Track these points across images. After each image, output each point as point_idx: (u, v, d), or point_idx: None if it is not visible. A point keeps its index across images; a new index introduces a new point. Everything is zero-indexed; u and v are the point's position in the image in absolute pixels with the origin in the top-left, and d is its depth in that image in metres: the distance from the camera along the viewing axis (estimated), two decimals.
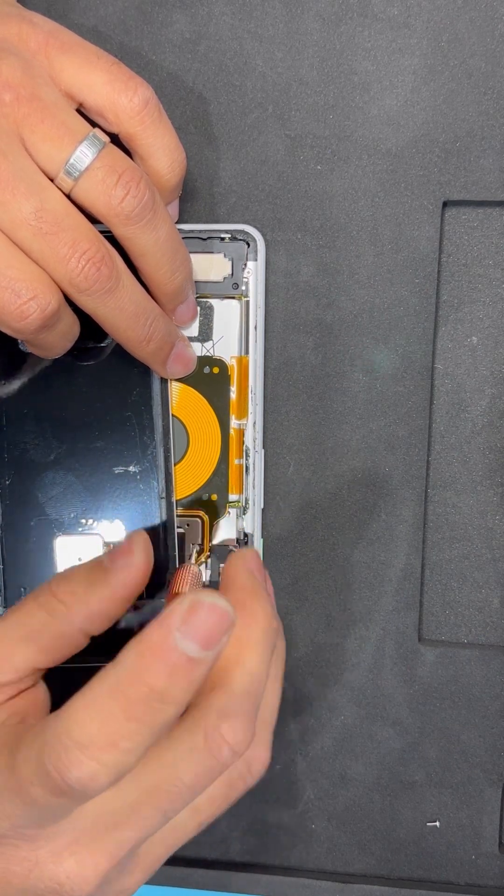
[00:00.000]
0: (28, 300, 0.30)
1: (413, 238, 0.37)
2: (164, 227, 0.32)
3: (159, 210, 0.32)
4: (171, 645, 0.24)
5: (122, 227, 0.31)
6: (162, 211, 0.32)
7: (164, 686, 0.25)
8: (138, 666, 0.25)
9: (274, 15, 0.36)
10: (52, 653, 0.31)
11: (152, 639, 0.25)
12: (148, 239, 0.32)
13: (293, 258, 0.38)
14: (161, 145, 0.32)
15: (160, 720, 0.25)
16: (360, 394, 0.38)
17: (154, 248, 0.32)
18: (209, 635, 0.25)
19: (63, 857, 0.28)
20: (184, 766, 0.27)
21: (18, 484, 0.38)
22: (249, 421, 0.38)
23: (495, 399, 0.38)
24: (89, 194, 0.31)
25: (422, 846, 0.40)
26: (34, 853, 0.28)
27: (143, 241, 0.32)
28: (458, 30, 0.36)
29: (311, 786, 0.40)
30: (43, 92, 0.30)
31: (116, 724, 0.25)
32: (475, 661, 0.39)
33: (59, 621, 0.31)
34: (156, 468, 0.38)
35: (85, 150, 0.30)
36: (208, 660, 0.25)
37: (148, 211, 0.31)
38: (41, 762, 0.25)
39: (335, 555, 0.39)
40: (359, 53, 0.36)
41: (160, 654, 0.25)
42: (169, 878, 0.40)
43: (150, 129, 0.32)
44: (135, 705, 0.25)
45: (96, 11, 0.37)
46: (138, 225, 0.31)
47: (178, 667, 0.25)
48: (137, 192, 0.31)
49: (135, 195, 0.31)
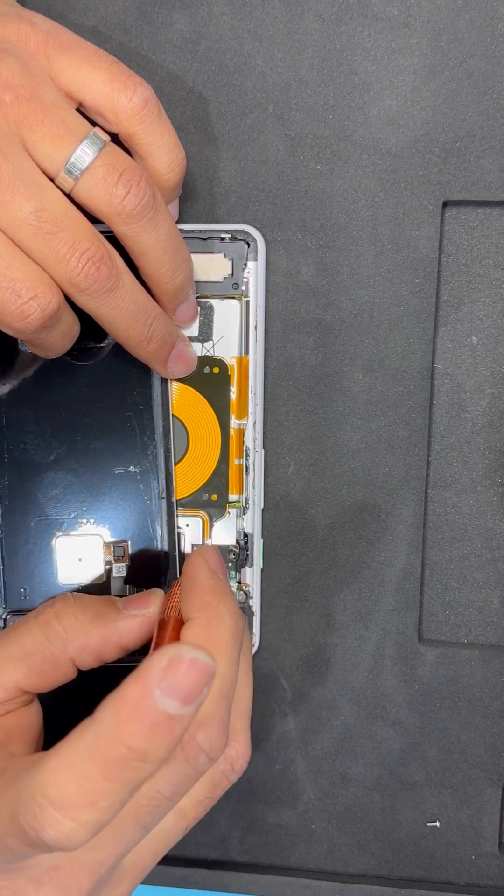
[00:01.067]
0: (28, 300, 0.30)
1: (413, 238, 0.37)
2: (165, 226, 0.32)
3: (160, 209, 0.32)
4: (151, 704, 0.24)
5: (124, 225, 0.31)
6: (163, 210, 0.32)
7: (143, 746, 0.24)
8: (116, 725, 0.24)
9: (274, 15, 0.36)
10: (41, 677, 0.31)
11: (131, 697, 0.24)
12: (149, 237, 0.32)
13: (293, 258, 0.38)
14: (161, 144, 0.32)
15: (139, 778, 0.25)
16: (360, 394, 0.38)
17: (155, 247, 0.32)
18: (190, 691, 0.24)
19: (43, 882, 0.27)
20: (161, 779, 0.27)
21: (18, 484, 0.38)
22: (249, 421, 0.38)
23: (495, 399, 0.38)
24: (90, 193, 0.31)
25: (422, 846, 0.40)
26: (12, 882, 0.27)
27: (143, 239, 0.32)
28: (458, 30, 0.36)
29: (311, 786, 0.40)
30: (42, 92, 0.30)
31: (94, 784, 0.24)
32: (475, 661, 0.39)
33: (54, 645, 0.30)
34: (156, 468, 0.38)
35: (85, 149, 0.30)
36: (189, 715, 0.24)
37: (149, 209, 0.31)
38: (15, 818, 0.25)
39: (335, 555, 0.39)
40: (359, 53, 0.36)
41: (139, 713, 0.24)
42: (169, 878, 0.40)
43: (149, 129, 0.32)
44: (113, 766, 0.24)
45: (96, 11, 0.37)
46: (139, 223, 0.31)
47: (158, 725, 0.24)
48: (138, 191, 0.31)
49: (136, 193, 0.31)
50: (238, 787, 0.40)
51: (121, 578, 0.39)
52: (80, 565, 0.38)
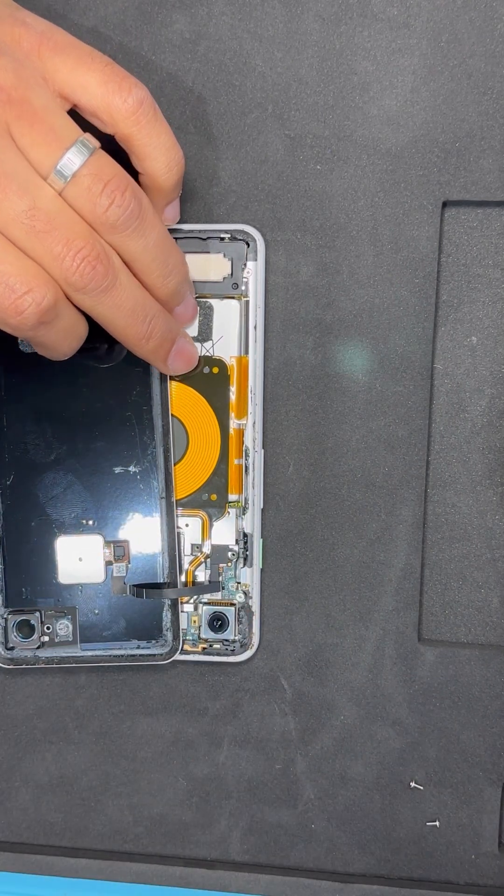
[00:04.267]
0: (23, 294, 0.30)
1: (412, 238, 0.37)
2: (153, 234, 0.32)
3: (147, 217, 0.32)
4: None
5: (108, 235, 0.31)
6: (151, 218, 0.32)
7: None
8: None
9: (274, 15, 0.36)
10: None
11: None
12: (136, 246, 0.32)
13: (293, 258, 0.38)
14: (157, 145, 0.32)
15: None
16: (360, 394, 0.38)
17: (143, 256, 0.32)
18: None
19: None
20: None
21: (19, 484, 0.38)
22: (249, 421, 0.38)
23: (495, 399, 0.38)
24: (76, 201, 0.31)
25: (422, 846, 0.40)
26: None
27: (130, 248, 0.32)
28: (457, 30, 0.36)
29: (311, 786, 0.40)
30: (34, 95, 0.30)
31: None
32: (475, 661, 0.39)
33: None
34: (156, 468, 0.38)
35: (72, 157, 0.30)
36: None
37: (133, 219, 0.31)
38: None
39: (335, 555, 0.39)
40: (359, 53, 0.36)
41: None
42: (169, 878, 0.40)
43: (145, 130, 0.32)
44: None
45: (96, 12, 0.37)
46: (125, 233, 0.31)
47: None
48: (122, 201, 0.31)
49: (119, 204, 0.30)
50: (238, 787, 0.40)
51: (121, 578, 0.39)
52: (81, 565, 0.38)
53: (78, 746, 0.41)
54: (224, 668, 0.40)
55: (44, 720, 0.41)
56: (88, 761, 0.41)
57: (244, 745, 0.40)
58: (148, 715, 0.40)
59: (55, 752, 0.41)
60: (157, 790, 0.41)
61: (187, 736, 0.40)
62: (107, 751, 0.41)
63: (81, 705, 0.40)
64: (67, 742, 0.41)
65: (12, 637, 0.39)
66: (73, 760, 0.41)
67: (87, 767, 0.41)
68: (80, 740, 0.41)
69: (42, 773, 0.41)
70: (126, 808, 0.41)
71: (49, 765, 0.41)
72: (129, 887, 0.41)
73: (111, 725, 0.40)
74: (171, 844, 0.41)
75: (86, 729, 0.41)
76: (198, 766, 0.40)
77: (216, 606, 0.39)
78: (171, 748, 0.40)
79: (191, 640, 0.39)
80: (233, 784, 0.40)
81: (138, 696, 0.40)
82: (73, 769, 0.41)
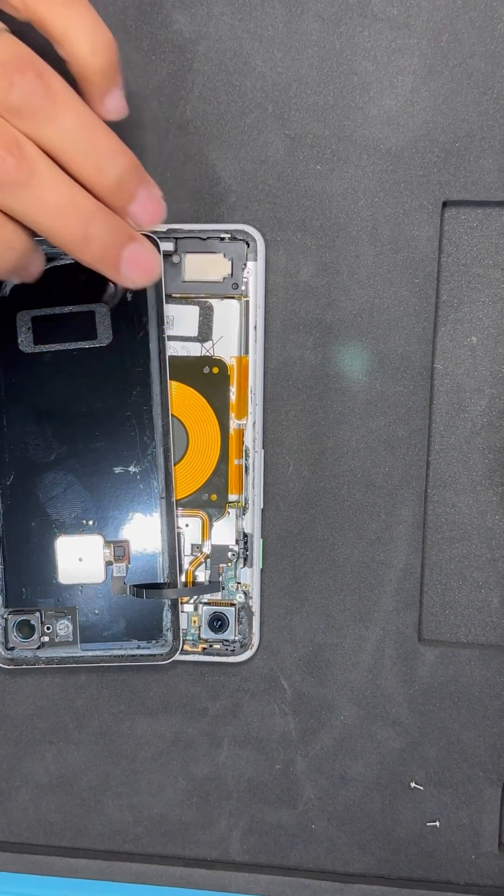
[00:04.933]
0: None
1: (412, 238, 0.37)
2: (70, 118, 0.28)
3: (59, 99, 0.28)
4: None
5: (15, 122, 0.28)
6: (66, 100, 0.28)
7: None
8: None
9: (274, 15, 0.36)
10: None
11: None
12: (51, 133, 0.28)
13: (293, 258, 0.38)
14: (77, 26, 0.29)
15: None
16: (360, 394, 0.38)
17: (63, 144, 0.28)
18: None
19: None
20: None
21: (19, 484, 0.38)
22: (249, 421, 0.38)
23: (495, 399, 0.38)
24: None
25: (422, 846, 0.40)
26: None
27: (46, 136, 0.28)
28: (457, 30, 0.36)
29: (311, 786, 0.40)
30: None
31: None
32: (475, 661, 0.39)
33: None
34: (156, 468, 0.38)
35: None
36: None
37: (39, 100, 0.28)
38: None
39: (335, 555, 0.39)
40: (359, 53, 0.36)
41: None
42: (169, 878, 0.40)
43: (58, 9, 0.29)
44: None
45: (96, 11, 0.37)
46: (34, 119, 0.28)
47: None
48: (23, 82, 0.27)
49: (20, 84, 0.27)
50: (238, 787, 0.40)
51: (121, 578, 0.39)
52: (81, 565, 0.38)
53: (78, 746, 0.41)
54: (224, 668, 0.40)
55: (44, 720, 0.41)
56: (88, 761, 0.41)
57: (244, 745, 0.40)
58: (148, 715, 0.40)
59: (55, 752, 0.41)
60: (157, 790, 0.41)
61: (187, 736, 0.40)
62: (107, 751, 0.41)
63: (81, 705, 0.40)
64: (67, 742, 0.41)
65: (12, 637, 0.39)
66: (73, 760, 0.41)
67: (86, 767, 0.41)
68: (80, 740, 0.41)
69: (42, 773, 0.41)
70: (126, 808, 0.41)
71: (49, 765, 0.41)
72: (129, 887, 0.41)
73: (111, 725, 0.40)
74: (171, 844, 0.41)
75: (86, 729, 0.41)
76: (198, 767, 0.40)
77: (216, 606, 0.39)
78: (171, 748, 0.40)
79: (191, 641, 0.39)
80: (233, 784, 0.40)
81: (138, 696, 0.40)
82: (73, 769, 0.41)
